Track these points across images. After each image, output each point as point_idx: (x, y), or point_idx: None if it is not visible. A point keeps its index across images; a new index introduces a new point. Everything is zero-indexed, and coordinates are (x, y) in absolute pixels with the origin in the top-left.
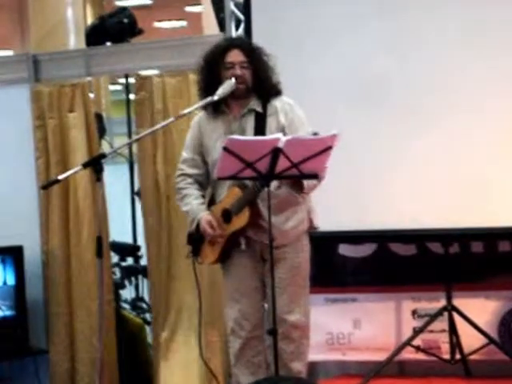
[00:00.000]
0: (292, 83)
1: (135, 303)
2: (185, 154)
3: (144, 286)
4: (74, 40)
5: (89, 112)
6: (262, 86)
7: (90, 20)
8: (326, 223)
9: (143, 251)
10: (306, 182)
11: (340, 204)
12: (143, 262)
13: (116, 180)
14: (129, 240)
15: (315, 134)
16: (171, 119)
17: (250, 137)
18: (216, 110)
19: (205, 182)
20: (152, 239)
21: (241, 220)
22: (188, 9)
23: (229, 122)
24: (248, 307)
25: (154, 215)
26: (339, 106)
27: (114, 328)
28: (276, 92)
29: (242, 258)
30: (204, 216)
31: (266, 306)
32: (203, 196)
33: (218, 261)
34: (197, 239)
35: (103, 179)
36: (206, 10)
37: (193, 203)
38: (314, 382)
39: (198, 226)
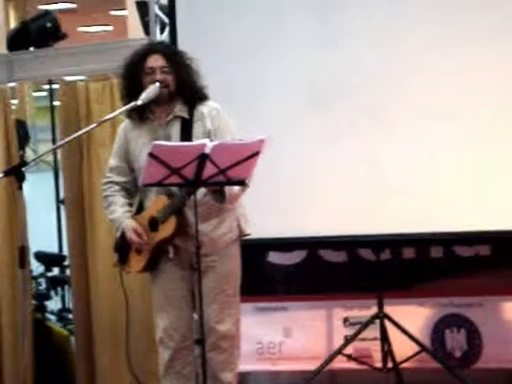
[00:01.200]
0: (217, 86)
1: (61, 314)
2: (112, 162)
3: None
4: None
5: (8, 119)
6: (186, 90)
7: (12, 24)
8: (255, 230)
9: None
10: (228, 193)
11: (269, 210)
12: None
13: (42, 188)
14: (55, 250)
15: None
16: (94, 125)
17: (175, 142)
18: (141, 116)
19: (133, 190)
20: (75, 249)
21: (168, 228)
22: (113, 13)
23: (154, 129)
24: (177, 317)
25: (78, 224)
26: (263, 108)
27: (32, 339)
28: (201, 96)
29: (170, 267)
30: (129, 223)
31: (195, 315)
32: (130, 204)
33: (146, 269)
34: (123, 247)
35: (23, 187)
36: (131, 14)
37: (118, 211)
38: None
39: (123, 234)
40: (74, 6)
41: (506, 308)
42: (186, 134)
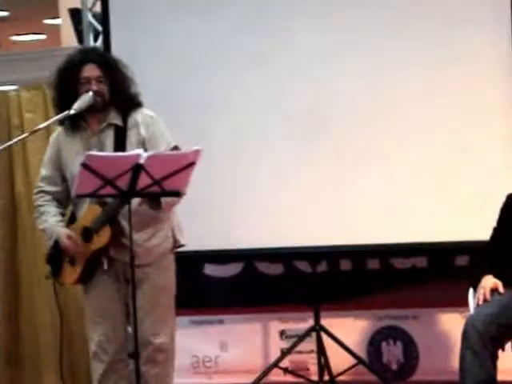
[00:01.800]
0: (152, 95)
1: None
2: (43, 171)
3: None
4: None
5: None
6: (120, 98)
7: None
8: (191, 242)
9: None
10: (163, 200)
11: (205, 222)
12: None
13: None
14: None
15: (175, 147)
16: (25, 134)
17: (109, 153)
18: (74, 125)
19: (65, 200)
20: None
21: (102, 238)
22: (47, 21)
23: (87, 137)
24: (110, 330)
25: (7, 235)
26: (195, 120)
27: None
28: (135, 104)
29: (104, 279)
30: (63, 231)
31: (129, 328)
32: (62, 214)
33: (79, 281)
34: (56, 258)
35: None
36: (64, 22)
37: (50, 220)
38: None
39: (55, 244)
40: (6, 14)
41: (442, 320)
42: (120, 142)
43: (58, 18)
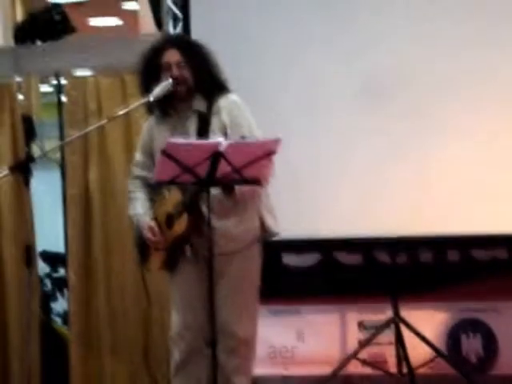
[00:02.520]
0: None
1: (66, 316)
2: (137, 156)
3: None
4: (2, 37)
5: (16, 114)
6: (205, 84)
7: (19, 17)
8: None
9: None
10: (238, 188)
11: (284, 211)
12: None
13: (48, 185)
14: (61, 249)
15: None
16: (104, 121)
17: (189, 140)
18: (163, 112)
19: (156, 185)
20: (73, 251)
21: (181, 226)
22: (124, 6)
23: (174, 124)
24: (191, 318)
25: (78, 226)
26: (283, 105)
27: (38, 341)
28: (221, 90)
29: (188, 266)
30: (146, 222)
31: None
32: (152, 199)
33: (164, 267)
34: (142, 245)
35: (30, 185)
36: (142, 7)
37: (138, 208)
38: None
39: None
40: None
41: None
42: (203, 129)
43: (135, 1)
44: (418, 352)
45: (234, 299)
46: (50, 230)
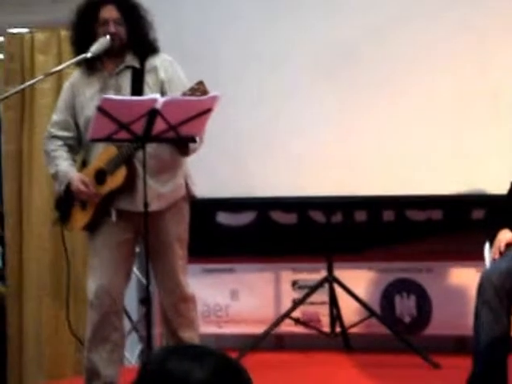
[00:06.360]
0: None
1: (2, 272)
2: (55, 117)
3: None
4: None
5: None
6: (138, 42)
7: None
8: (204, 189)
9: None
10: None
11: (219, 170)
12: None
13: None
14: None
15: (193, 89)
16: (40, 77)
17: (125, 97)
18: (90, 67)
19: (76, 146)
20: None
21: (117, 179)
22: None
23: (104, 79)
24: (109, 281)
25: (16, 180)
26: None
27: None
28: (153, 49)
29: (110, 229)
30: (76, 175)
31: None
32: (74, 160)
33: (88, 227)
34: (65, 203)
35: None
36: None
37: (62, 164)
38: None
39: (67, 188)
40: None
41: (456, 274)
42: (137, 85)
43: None
44: (351, 312)
45: (166, 258)
46: None
